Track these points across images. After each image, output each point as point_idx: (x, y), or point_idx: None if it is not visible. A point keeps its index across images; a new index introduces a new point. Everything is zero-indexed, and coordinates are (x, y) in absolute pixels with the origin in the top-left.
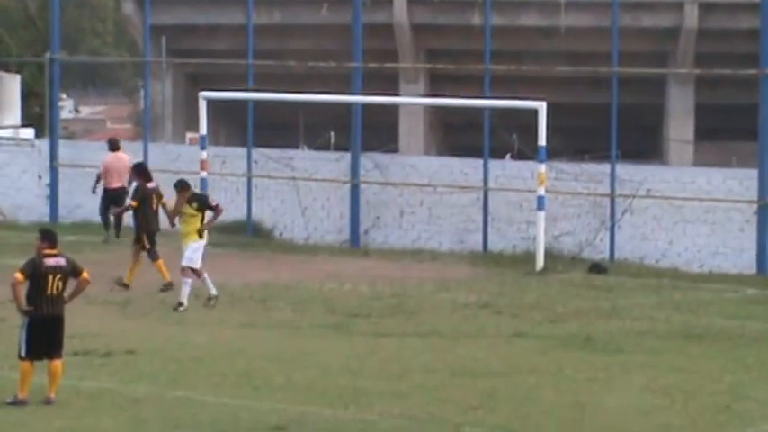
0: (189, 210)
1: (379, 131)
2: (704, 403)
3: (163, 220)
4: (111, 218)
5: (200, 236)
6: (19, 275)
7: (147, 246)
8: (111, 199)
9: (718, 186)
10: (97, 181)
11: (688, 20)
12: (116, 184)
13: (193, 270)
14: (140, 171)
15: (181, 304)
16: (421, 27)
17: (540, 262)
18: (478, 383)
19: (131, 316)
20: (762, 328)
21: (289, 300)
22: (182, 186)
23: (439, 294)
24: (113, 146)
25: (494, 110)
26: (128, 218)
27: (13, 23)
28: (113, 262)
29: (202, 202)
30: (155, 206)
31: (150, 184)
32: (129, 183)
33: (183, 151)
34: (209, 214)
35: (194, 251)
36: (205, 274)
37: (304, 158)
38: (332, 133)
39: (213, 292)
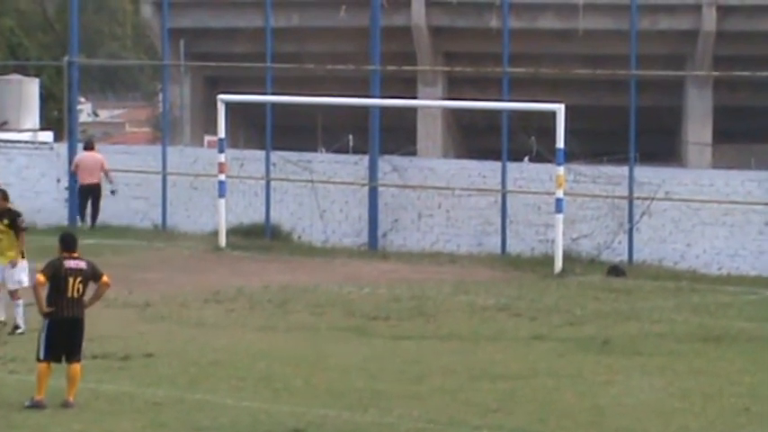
0: (0, 225)
1: (398, 134)
2: (723, 405)
3: None
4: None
5: (23, 256)
6: (40, 277)
7: None
8: (85, 193)
9: (736, 188)
10: (73, 176)
11: (706, 22)
12: (88, 180)
13: (13, 291)
14: None
15: (18, 327)
16: (439, 30)
17: (558, 264)
18: (497, 386)
19: (150, 319)
20: None
21: (307, 303)
22: (3, 196)
23: (457, 297)
24: (87, 145)
25: (512, 112)
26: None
27: (31, 27)
28: (133, 265)
29: (13, 220)
30: None
31: None
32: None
33: (201, 154)
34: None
35: (23, 271)
36: (20, 300)
37: (322, 161)
38: (350, 136)
39: (19, 322)
